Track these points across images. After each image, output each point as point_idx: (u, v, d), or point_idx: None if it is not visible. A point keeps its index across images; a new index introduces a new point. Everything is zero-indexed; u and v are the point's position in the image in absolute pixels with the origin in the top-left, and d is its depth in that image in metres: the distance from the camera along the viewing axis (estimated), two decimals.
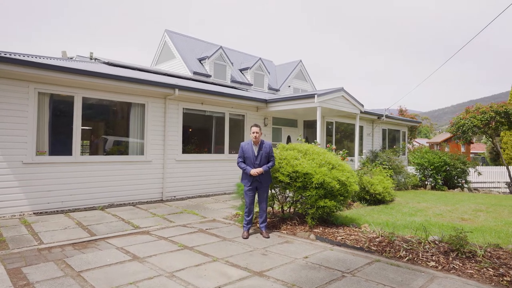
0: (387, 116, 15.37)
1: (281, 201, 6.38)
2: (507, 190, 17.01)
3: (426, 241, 4.72)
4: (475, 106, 16.27)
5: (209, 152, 10.14)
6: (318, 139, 9.69)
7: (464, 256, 4.17)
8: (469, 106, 16.88)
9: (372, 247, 4.66)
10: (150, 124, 8.65)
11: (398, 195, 11.01)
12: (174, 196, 9.10)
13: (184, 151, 9.40)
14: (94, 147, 7.95)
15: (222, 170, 10.29)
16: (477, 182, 18.05)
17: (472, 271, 3.79)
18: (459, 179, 15.62)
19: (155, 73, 11.04)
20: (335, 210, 5.66)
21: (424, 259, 4.19)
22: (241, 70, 19.10)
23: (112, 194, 7.91)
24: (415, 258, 4.24)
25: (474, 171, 16.21)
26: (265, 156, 5.41)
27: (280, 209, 6.53)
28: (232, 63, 17.86)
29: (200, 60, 17.07)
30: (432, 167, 14.94)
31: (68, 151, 7.33)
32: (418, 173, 15.19)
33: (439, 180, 14.95)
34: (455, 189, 15.35)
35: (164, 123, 8.93)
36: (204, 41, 19.58)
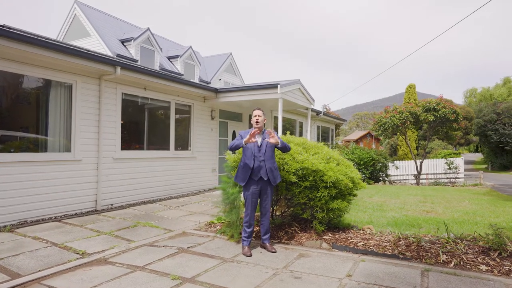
0: (323, 114, 15.64)
1: (273, 204, 5.34)
2: (415, 181, 19.34)
3: (451, 241, 4.34)
4: (393, 107, 17.95)
5: (151, 148, 8.35)
6: (280, 134, 8.90)
7: (506, 255, 3.87)
8: (387, 106, 18.57)
9: (406, 253, 4.04)
10: (79, 111, 6.51)
11: None
12: (112, 205, 7.12)
13: (123, 148, 7.46)
14: None
15: (167, 170, 8.62)
16: (392, 175, 20.03)
17: None
18: (381, 173, 16.98)
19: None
20: (344, 212, 4.91)
21: (471, 262, 3.75)
22: (169, 58, 17.04)
23: (24, 207, 5.62)
24: (461, 263, 3.76)
25: (392, 165, 17.94)
26: (270, 146, 4.32)
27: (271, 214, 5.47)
28: (161, 49, 15.73)
29: (123, 42, 14.45)
30: (362, 162, 15.81)
31: None
32: None
33: (367, 174, 15.92)
34: (379, 183, 16.68)
35: (99, 110, 6.87)
36: (127, 22, 16.77)
